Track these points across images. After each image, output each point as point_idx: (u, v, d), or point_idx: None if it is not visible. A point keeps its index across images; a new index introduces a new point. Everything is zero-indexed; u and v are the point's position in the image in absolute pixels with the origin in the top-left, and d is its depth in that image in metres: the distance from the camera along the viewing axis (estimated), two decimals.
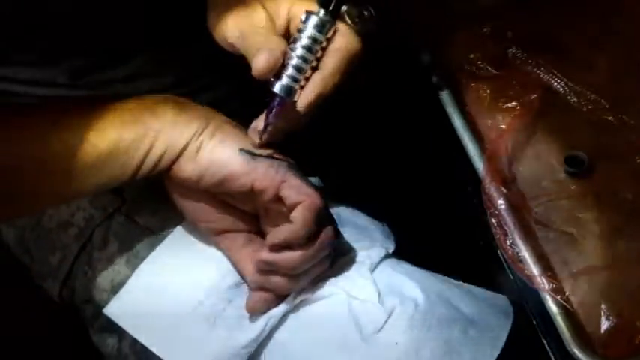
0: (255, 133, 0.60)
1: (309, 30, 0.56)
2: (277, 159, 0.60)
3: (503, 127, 0.67)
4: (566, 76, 0.68)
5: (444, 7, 0.74)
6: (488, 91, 0.69)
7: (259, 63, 0.55)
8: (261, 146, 0.61)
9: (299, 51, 0.56)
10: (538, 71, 0.69)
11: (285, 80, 0.57)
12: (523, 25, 0.71)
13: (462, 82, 0.70)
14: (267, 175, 0.59)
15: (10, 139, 0.57)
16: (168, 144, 0.59)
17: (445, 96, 0.69)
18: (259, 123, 0.60)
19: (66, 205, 0.71)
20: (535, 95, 0.68)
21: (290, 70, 0.57)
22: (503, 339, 0.62)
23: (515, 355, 0.63)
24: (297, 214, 0.58)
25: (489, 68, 0.70)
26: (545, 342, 0.61)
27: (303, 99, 0.57)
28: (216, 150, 0.60)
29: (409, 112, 0.83)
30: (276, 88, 0.57)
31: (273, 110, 0.58)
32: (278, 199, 0.60)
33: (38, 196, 0.61)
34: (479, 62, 0.70)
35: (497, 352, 0.62)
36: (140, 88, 0.67)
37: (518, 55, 0.70)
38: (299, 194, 0.59)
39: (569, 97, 0.68)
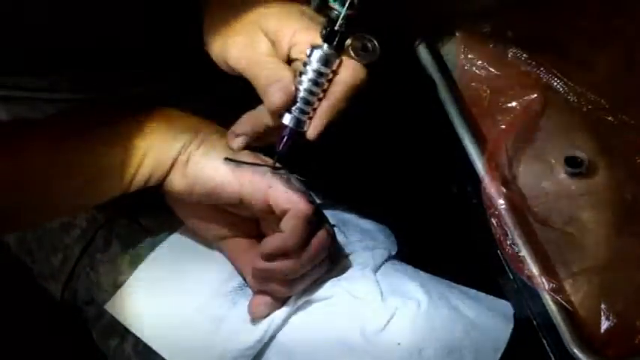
0: (233, 137, 0.60)
1: (315, 64, 0.58)
2: (262, 165, 0.61)
3: (504, 127, 0.67)
4: (566, 76, 0.68)
5: (444, 7, 0.74)
6: (488, 91, 0.69)
7: (276, 99, 0.57)
8: (248, 152, 0.61)
9: (306, 84, 0.58)
10: (538, 71, 0.69)
11: (295, 113, 0.59)
12: (523, 25, 0.71)
13: (461, 82, 0.70)
14: (253, 182, 0.60)
15: (6, 160, 0.58)
16: (157, 161, 0.60)
17: (445, 96, 0.69)
18: (237, 127, 0.61)
19: None
20: (535, 95, 0.68)
21: (299, 103, 0.59)
22: (505, 342, 0.63)
23: (515, 355, 0.63)
24: (285, 223, 0.58)
25: (489, 68, 0.70)
26: (545, 342, 0.61)
27: (313, 129, 0.59)
28: (202, 162, 0.60)
29: (409, 112, 0.83)
30: (287, 120, 0.59)
31: (284, 140, 0.60)
32: (269, 206, 0.60)
33: (34, 212, 0.62)
34: (479, 62, 0.70)
35: (499, 354, 0.62)
36: (141, 92, 0.68)
37: (518, 55, 0.69)
38: (286, 201, 0.59)
39: (569, 97, 0.68)
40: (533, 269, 0.60)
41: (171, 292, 0.66)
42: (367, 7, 0.66)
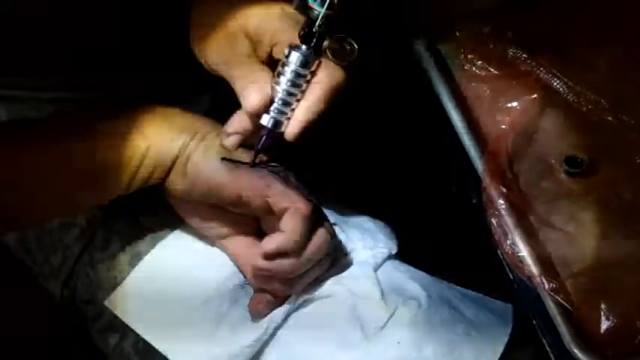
0: (226, 137, 0.60)
1: (293, 65, 0.58)
2: (260, 165, 0.61)
3: (504, 127, 0.67)
4: (566, 76, 0.68)
5: (444, 7, 0.74)
6: (488, 91, 0.69)
7: (252, 101, 0.57)
8: (246, 150, 0.61)
9: (284, 85, 0.58)
10: (538, 71, 0.68)
11: (273, 114, 0.59)
12: (523, 25, 0.71)
13: (462, 82, 0.70)
14: (251, 182, 0.60)
15: (6, 160, 0.58)
16: (157, 161, 0.60)
17: (445, 96, 0.69)
18: (229, 126, 0.60)
19: None
20: (535, 95, 0.68)
21: (277, 104, 0.58)
22: (504, 343, 0.63)
23: (515, 355, 0.63)
24: (285, 223, 0.58)
25: (489, 68, 0.70)
26: (545, 342, 0.61)
27: (291, 130, 0.59)
28: (201, 161, 0.60)
29: (409, 112, 0.83)
30: (265, 121, 0.59)
31: (262, 140, 0.60)
32: (268, 205, 0.60)
33: (34, 212, 0.62)
34: (479, 62, 0.70)
35: (498, 354, 0.62)
36: (141, 92, 0.68)
37: (518, 55, 0.69)
38: (285, 201, 0.59)
39: (569, 97, 0.67)
40: (533, 269, 0.60)
41: (172, 290, 0.66)
42: (368, 7, 0.66)
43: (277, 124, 0.59)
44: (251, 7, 0.60)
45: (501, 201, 0.63)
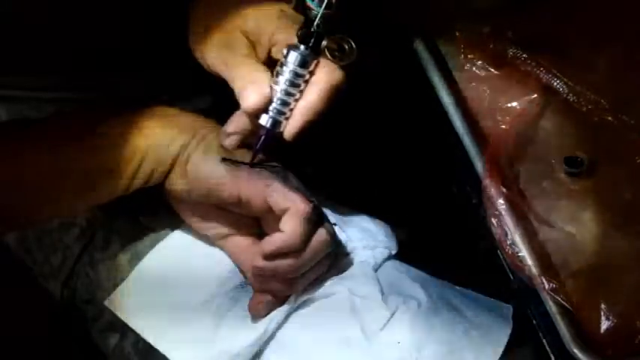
0: (226, 136, 0.60)
1: (292, 65, 0.58)
2: (259, 165, 0.61)
3: (504, 127, 0.67)
4: (566, 76, 0.68)
5: (444, 7, 0.74)
6: (488, 91, 0.69)
7: (251, 101, 0.57)
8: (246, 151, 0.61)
9: (283, 85, 0.58)
10: (538, 71, 0.68)
11: (271, 114, 0.59)
12: (523, 25, 0.71)
13: (462, 82, 0.70)
14: (251, 182, 0.60)
15: (6, 160, 0.58)
16: (156, 161, 0.60)
17: (445, 96, 0.69)
18: (229, 126, 0.61)
19: None
20: (535, 95, 0.68)
21: (276, 104, 0.58)
22: (504, 343, 0.63)
23: (515, 355, 0.63)
24: (285, 223, 0.58)
25: (489, 68, 0.70)
26: (545, 342, 0.61)
27: (290, 130, 0.59)
28: (201, 162, 0.60)
29: (409, 112, 0.83)
30: (264, 121, 0.59)
31: (261, 140, 0.60)
32: (268, 205, 0.60)
33: (34, 213, 0.62)
34: (479, 62, 0.70)
35: (498, 354, 0.62)
36: (141, 92, 0.68)
37: (518, 55, 0.69)
38: (285, 200, 0.59)
39: (569, 97, 0.68)
40: (533, 269, 0.60)
41: (172, 290, 0.66)
42: (368, 7, 0.66)
43: (276, 124, 0.59)
44: (249, 7, 0.60)
45: (501, 201, 0.63)
